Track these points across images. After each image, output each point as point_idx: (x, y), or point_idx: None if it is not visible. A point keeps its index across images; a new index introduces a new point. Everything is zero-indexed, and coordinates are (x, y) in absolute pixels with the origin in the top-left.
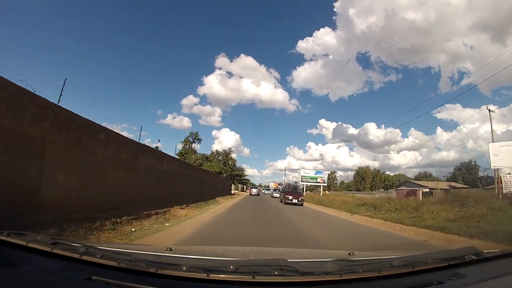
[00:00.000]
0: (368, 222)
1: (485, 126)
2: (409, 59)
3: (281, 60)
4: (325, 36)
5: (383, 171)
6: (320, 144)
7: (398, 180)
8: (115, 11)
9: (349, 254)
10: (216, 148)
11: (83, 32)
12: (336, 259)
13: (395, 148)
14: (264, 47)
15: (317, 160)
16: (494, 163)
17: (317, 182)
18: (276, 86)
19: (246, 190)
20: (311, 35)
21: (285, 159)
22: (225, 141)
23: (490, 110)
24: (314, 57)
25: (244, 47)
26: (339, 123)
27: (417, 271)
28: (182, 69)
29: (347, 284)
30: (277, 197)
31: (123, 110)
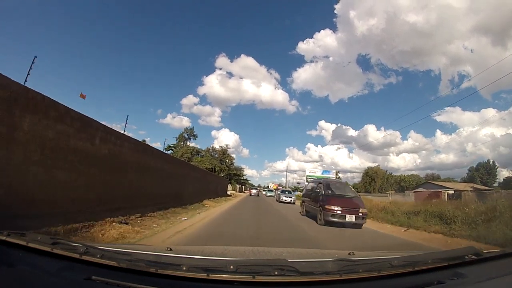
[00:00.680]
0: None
1: (484, 130)
2: (409, 61)
3: (281, 61)
4: (325, 38)
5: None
6: (319, 146)
7: (414, 181)
8: (115, 10)
9: (349, 254)
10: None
11: (83, 32)
12: (336, 259)
13: (395, 151)
14: (265, 48)
15: (316, 162)
16: None
17: None
18: (276, 87)
19: (245, 190)
20: (311, 36)
21: (285, 160)
22: (224, 141)
23: None
24: (314, 58)
25: (244, 47)
26: (339, 124)
27: (417, 271)
28: (182, 69)
29: (347, 284)
30: (288, 202)
31: (124, 110)
